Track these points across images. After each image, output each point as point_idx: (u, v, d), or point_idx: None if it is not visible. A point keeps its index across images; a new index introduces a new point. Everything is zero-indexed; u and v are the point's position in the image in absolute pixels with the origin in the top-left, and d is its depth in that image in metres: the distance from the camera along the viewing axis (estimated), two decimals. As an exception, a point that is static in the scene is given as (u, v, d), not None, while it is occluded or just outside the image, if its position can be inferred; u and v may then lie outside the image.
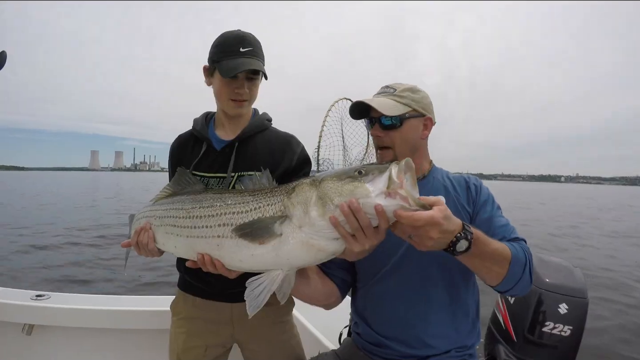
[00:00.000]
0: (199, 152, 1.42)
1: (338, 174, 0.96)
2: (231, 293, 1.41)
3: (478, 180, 1.40)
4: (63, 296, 2.27)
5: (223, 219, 1.05)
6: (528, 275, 1.17)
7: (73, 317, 2.10)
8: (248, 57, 1.31)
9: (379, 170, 0.91)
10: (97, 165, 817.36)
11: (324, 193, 0.93)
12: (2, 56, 1.61)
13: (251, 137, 1.43)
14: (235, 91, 1.34)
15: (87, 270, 7.48)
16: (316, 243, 0.95)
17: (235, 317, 1.46)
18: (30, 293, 2.23)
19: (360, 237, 0.92)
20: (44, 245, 9.70)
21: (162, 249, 1.29)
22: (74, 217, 15.36)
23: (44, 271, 7.39)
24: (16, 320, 2.10)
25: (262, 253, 1.00)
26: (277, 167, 1.38)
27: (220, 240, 1.06)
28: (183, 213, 1.17)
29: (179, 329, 1.51)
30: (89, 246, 9.71)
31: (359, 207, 0.88)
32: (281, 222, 0.98)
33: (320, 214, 0.92)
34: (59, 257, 8.48)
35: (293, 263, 1.01)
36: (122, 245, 1.40)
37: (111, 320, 2.11)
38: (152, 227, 1.28)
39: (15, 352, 2.16)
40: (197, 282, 1.45)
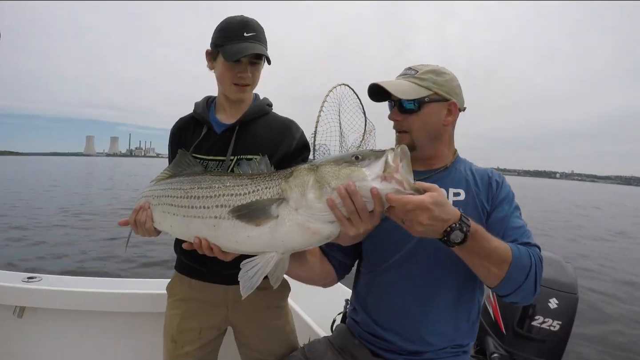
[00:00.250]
0: (199, 135, 1.44)
1: (335, 159, 0.98)
2: (227, 275, 1.41)
3: (501, 176, 1.31)
4: (54, 278, 2.25)
5: (221, 200, 1.07)
6: (532, 284, 1.09)
7: (65, 300, 2.08)
8: (252, 41, 1.32)
9: (375, 155, 0.93)
10: (92, 150, 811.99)
11: (321, 176, 0.95)
12: None
13: (252, 121, 1.44)
14: (238, 75, 1.35)
15: (79, 252, 7.50)
16: (312, 226, 0.97)
17: (230, 300, 1.47)
18: (22, 275, 2.20)
19: (356, 221, 0.93)
20: (34, 227, 9.71)
21: (158, 228, 1.31)
22: (64, 201, 15.36)
23: (36, 252, 7.41)
24: (7, 303, 2.08)
25: (258, 234, 1.01)
26: (276, 152, 1.40)
27: (217, 221, 1.07)
28: (181, 193, 1.18)
29: (174, 311, 1.51)
30: (81, 229, 9.71)
31: (356, 190, 0.90)
32: (278, 204, 0.99)
33: (317, 196, 0.94)
34: (50, 239, 8.49)
35: (288, 245, 1.02)
36: (119, 224, 1.41)
37: (104, 302, 2.10)
38: (150, 206, 1.31)
39: (7, 335, 2.15)
40: (193, 263, 1.46)
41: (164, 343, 1.53)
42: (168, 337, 1.50)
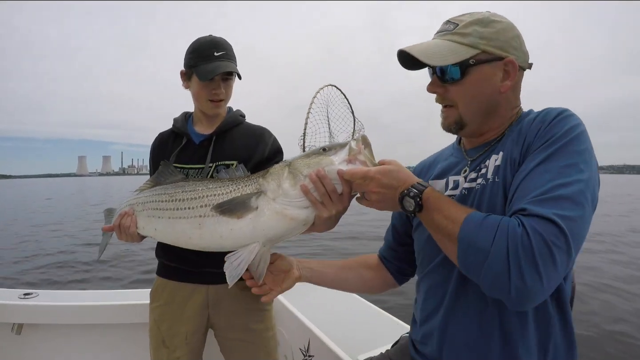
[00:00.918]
0: (178, 146, 1.53)
1: (306, 153, 1.09)
2: (207, 273, 1.46)
3: (562, 112, 0.89)
4: (51, 293, 2.24)
5: (205, 200, 1.15)
6: (501, 271, 0.74)
7: (62, 314, 2.08)
8: (222, 60, 1.42)
9: (340, 145, 1.04)
10: (85, 170, 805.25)
11: (294, 168, 1.06)
12: None
13: (227, 130, 1.54)
14: (213, 92, 1.45)
15: (75, 269, 7.47)
16: (288, 212, 1.05)
17: (211, 300, 1.51)
18: (18, 292, 2.20)
19: (327, 203, 1.00)
20: (31, 246, 9.67)
21: (142, 233, 1.37)
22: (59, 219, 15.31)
23: (32, 271, 7.38)
24: (5, 320, 2.07)
25: (240, 227, 1.09)
26: (251, 158, 1.48)
27: (202, 219, 1.15)
28: (166, 197, 1.26)
29: (160, 317, 1.53)
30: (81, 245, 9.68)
31: (325, 174, 0.98)
32: (257, 197, 1.08)
33: (292, 184, 1.04)
34: (46, 258, 8.44)
35: (268, 233, 1.08)
36: (103, 229, 1.48)
37: (101, 315, 2.09)
38: (134, 212, 1.37)
39: (6, 352, 2.14)
40: (174, 262, 1.50)
41: (152, 350, 1.53)
42: (157, 342, 1.51)
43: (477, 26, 0.94)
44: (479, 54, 0.94)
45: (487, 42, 0.94)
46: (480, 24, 0.94)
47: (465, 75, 0.95)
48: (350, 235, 9.58)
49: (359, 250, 8.02)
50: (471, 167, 1.02)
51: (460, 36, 0.95)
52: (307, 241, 8.62)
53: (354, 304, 2.17)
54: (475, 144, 1.06)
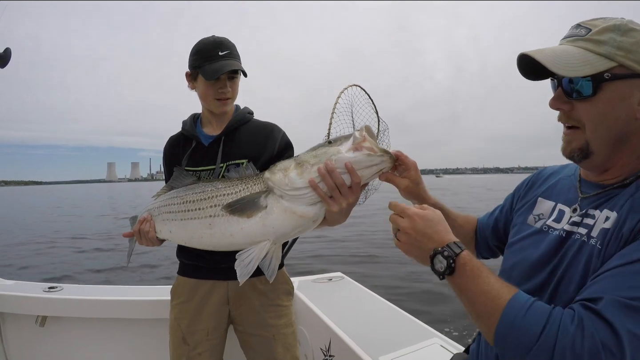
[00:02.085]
0: (188, 149, 1.54)
1: (312, 147, 1.10)
2: (226, 269, 1.42)
3: None
4: (75, 287, 2.28)
5: (214, 200, 1.18)
6: None
7: (85, 308, 2.10)
8: (227, 59, 1.43)
9: (345, 137, 1.06)
10: (114, 176, 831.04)
11: (300, 159, 1.08)
12: (7, 53, 1.65)
13: (236, 129, 1.54)
14: (219, 91, 1.46)
15: (100, 261, 7.71)
16: (297, 209, 1.06)
17: (232, 295, 1.52)
18: (43, 285, 2.24)
19: (337, 197, 1.01)
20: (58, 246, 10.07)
21: (160, 236, 1.41)
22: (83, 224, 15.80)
23: (58, 265, 7.63)
24: (29, 312, 2.11)
25: (250, 225, 1.11)
26: (261, 155, 1.48)
27: (212, 219, 1.18)
28: (178, 200, 1.30)
29: (180, 314, 1.53)
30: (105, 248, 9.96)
31: (334, 167, 0.99)
32: (266, 195, 1.10)
33: (299, 173, 1.05)
34: (72, 255, 8.74)
35: (278, 231, 1.10)
36: (124, 235, 1.54)
37: (124, 310, 2.11)
38: (152, 217, 1.42)
39: (29, 344, 2.17)
40: (192, 259, 1.52)
41: (171, 346, 1.53)
42: (177, 339, 1.51)
43: (614, 33, 0.79)
44: (615, 67, 0.78)
45: (625, 54, 0.78)
46: (617, 31, 0.79)
47: (598, 92, 0.79)
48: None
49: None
50: (582, 206, 0.89)
51: (594, 44, 0.79)
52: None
53: (376, 305, 2.13)
54: (593, 178, 0.92)
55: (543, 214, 0.98)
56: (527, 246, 0.97)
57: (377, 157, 1.00)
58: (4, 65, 1.65)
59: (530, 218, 1.01)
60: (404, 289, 5.77)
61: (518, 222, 1.06)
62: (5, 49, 1.64)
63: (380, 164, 1.01)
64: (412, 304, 4.76)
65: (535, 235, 0.96)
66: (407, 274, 6.52)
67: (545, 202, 1.01)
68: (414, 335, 1.72)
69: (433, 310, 4.85)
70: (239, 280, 1.06)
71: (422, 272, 6.72)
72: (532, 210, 1.02)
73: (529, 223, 1.01)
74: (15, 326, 2.17)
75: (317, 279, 2.48)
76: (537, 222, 0.98)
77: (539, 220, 0.98)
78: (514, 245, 1.03)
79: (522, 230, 1.02)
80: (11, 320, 2.18)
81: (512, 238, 1.06)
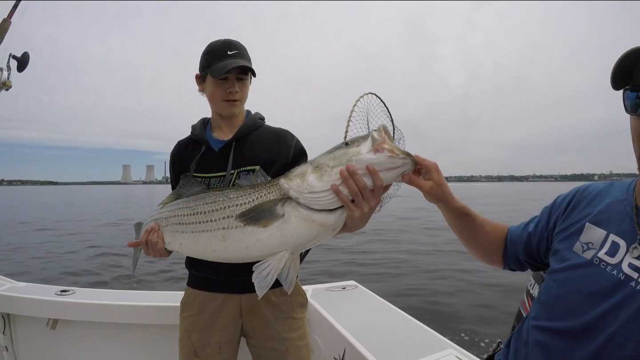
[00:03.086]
0: (197, 154, 1.49)
1: (328, 150, 1.05)
2: (239, 281, 1.41)
3: None
4: (87, 291, 2.28)
5: (227, 211, 1.12)
6: None
7: (97, 312, 2.09)
8: (235, 58, 1.39)
9: (362, 138, 1.00)
10: (129, 178, 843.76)
11: (318, 162, 1.02)
12: (25, 57, 1.66)
13: (247, 135, 1.49)
14: (227, 91, 1.41)
15: (111, 269, 7.76)
16: (316, 218, 1.01)
17: (244, 309, 1.47)
18: (55, 288, 2.24)
19: (359, 201, 0.97)
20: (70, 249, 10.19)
21: (169, 248, 1.34)
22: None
23: (70, 269, 7.71)
24: (41, 315, 2.11)
25: (267, 236, 1.05)
26: (274, 161, 1.43)
27: (226, 231, 1.11)
28: (187, 211, 1.23)
29: (192, 327, 1.50)
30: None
31: (355, 169, 0.94)
32: (282, 203, 1.04)
33: (318, 177, 0.99)
34: (85, 260, 8.82)
35: (297, 241, 1.05)
36: (129, 245, 1.46)
37: (135, 315, 2.09)
38: (159, 228, 1.35)
39: (40, 347, 2.17)
40: (204, 272, 1.47)
41: (182, 359, 1.50)
42: (188, 352, 1.48)
43: None
44: None
45: None
46: None
47: None
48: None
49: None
50: None
51: None
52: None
53: (390, 314, 2.10)
54: None
55: (592, 244, 0.90)
56: (575, 279, 0.90)
57: (399, 160, 0.95)
58: (22, 69, 1.66)
59: (577, 245, 0.93)
60: (416, 299, 5.69)
61: (561, 247, 0.98)
62: (24, 53, 1.65)
63: (402, 167, 0.97)
64: (425, 313, 4.71)
65: (586, 267, 0.88)
66: (418, 286, 6.44)
67: (595, 230, 0.92)
68: (429, 346, 1.70)
69: (446, 321, 4.79)
70: (257, 293, 1.01)
71: (431, 284, 6.62)
72: (579, 236, 0.94)
73: (575, 251, 0.93)
74: (26, 328, 2.18)
75: (330, 287, 2.45)
76: (586, 252, 0.90)
77: (587, 250, 0.90)
78: (559, 273, 0.95)
79: (568, 258, 0.94)
80: (22, 323, 2.19)
81: (556, 265, 0.97)
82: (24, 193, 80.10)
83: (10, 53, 1.61)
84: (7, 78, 1.60)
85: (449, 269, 7.68)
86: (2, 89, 1.58)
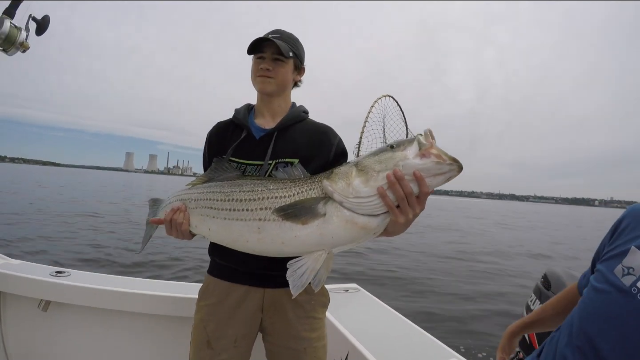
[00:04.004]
0: (237, 139, 1.45)
1: (372, 152, 1.03)
2: (265, 275, 1.38)
3: None
4: (83, 274, 2.22)
5: (265, 202, 1.09)
6: None
7: (91, 297, 2.03)
8: (273, 37, 1.38)
9: (408, 141, 0.98)
10: (131, 166, 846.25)
11: (364, 166, 0.99)
12: (45, 19, 1.60)
13: (289, 126, 1.47)
14: (260, 67, 1.40)
15: (112, 251, 7.71)
16: (359, 220, 0.99)
17: (267, 304, 1.42)
18: (50, 269, 2.18)
19: (404, 207, 0.95)
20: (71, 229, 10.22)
21: (194, 231, 1.30)
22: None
23: (72, 248, 7.69)
24: (33, 295, 2.05)
25: (306, 234, 1.02)
26: (314, 157, 1.40)
27: (262, 223, 1.08)
28: (221, 196, 1.19)
29: (209, 316, 1.44)
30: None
31: (402, 175, 0.93)
32: (325, 202, 1.02)
33: (364, 181, 0.97)
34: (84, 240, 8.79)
35: (337, 242, 1.03)
36: (151, 222, 1.39)
37: (130, 302, 2.03)
38: (187, 209, 1.30)
39: (29, 328, 2.11)
40: (229, 262, 1.41)
41: (193, 349, 1.44)
42: (201, 342, 1.42)
43: None
44: None
45: None
46: None
47: None
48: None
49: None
50: None
51: None
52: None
53: (393, 320, 2.10)
54: None
55: (634, 269, 0.85)
56: (610, 303, 0.86)
57: (446, 165, 0.93)
58: (41, 32, 1.58)
59: (618, 268, 0.88)
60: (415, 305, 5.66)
61: (602, 268, 0.93)
62: (44, 16, 1.57)
63: (448, 172, 0.94)
64: (426, 319, 4.71)
65: (620, 294, 0.84)
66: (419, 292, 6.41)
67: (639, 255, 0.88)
68: (432, 353, 1.70)
69: (448, 329, 4.80)
70: (292, 292, 1.00)
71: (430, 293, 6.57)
72: (623, 259, 0.89)
73: (615, 273, 0.88)
74: (17, 308, 2.11)
75: (333, 289, 2.40)
76: (625, 277, 0.85)
77: (627, 275, 0.86)
78: (597, 293, 0.91)
79: (607, 279, 0.89)
80: (13, 301, 2.12)
81: (595, 283, 0.93)
82: (23, 172, 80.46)
83: (30, 14, 1.54)
84: (25, 39, 1.53)
85: (450, 277, 7.69)
86: (19, 50, 1.53)
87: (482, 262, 10.03)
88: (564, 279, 1.91)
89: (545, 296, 1.92)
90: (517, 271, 9.21)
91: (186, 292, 2.04)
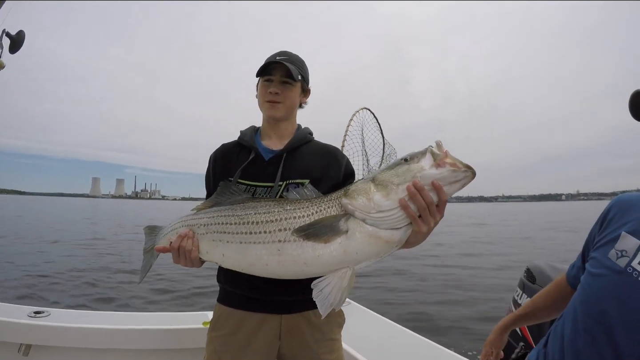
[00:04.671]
0: (244, 160, 1.43)
1: (387, 166, 1.04)
2: (280, 301, 1.36)
3: None
4: (63, 313, 2.11)
5: (284, 223, 1.07)
6: None
7: (73, 337, 1.93)
8: (281, 59, 1.40)
9: (420, 153, 1.00)
10: (98, 192, 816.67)
11: (381, 180, 1.00)
12: (20, 35, 1.50)
13: (297, 147, 1.47)
14: (268, 91, 1.40)
15: (94, 289, 7.37)
16: (383, 234, 0.99)
17: (284, 330, 1.38)
18: (28, 309, 2.06)
19: (426, 216, 0.96)
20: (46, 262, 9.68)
21: (204, 258, 1.25)
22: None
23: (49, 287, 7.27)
24: (12, 340, 1.93)
25: (329, 252, 1.01)
26: (324, 177, 1.41)
27: (282, 244, 1.06)
28: (235, 219, 1.16)
29: (222, 347, 1.38)
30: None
31: (422, 185, 0.94)
32: (346, 219, 1.01)
33: (384, 195, 0.98)
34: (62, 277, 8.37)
35: (361, 258, 1.02)
36: (156, 250, 1.34)
37: (115, 339, 1.95)
38: (195, 235, 1.25)
39: None
40: (241, 289, 1.38)
41: None
42: None
43: None
44: None
45: None
46: None
47: None
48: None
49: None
50: None
51: None
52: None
53: (390, 329, 2.09)
54: None
55: (627, 251, 0.93)
56: (608, 285, 0.94)
57: (461, 173, 0.96)
58: (15, 49, 1.47)
59: (612, 252, 0.96)
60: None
61: (596, 255, 1.01)
62: (19, 32, 1.46)
63: (463, 180, 0.97)
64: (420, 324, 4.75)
65: (618, 275, 0.92)
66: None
67: (630, 239, 0.95)
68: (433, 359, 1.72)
69: (440, 331, 4.88)
70: (321, 313, 0.99)
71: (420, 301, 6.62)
72: (615, 244, 0.97)
73: (610, 257, 0.96)
74: None
75: None
76: (619, 259, 0.93)
77: (621, 257, 0.93)
78: (594, 277, 1.00)
79: (603, 263, 0.97)
80: None
81: (592, 268, 1.01)
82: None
83: (4, 29, 1.44)
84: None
85: (442, 279, 7.76)
86: None
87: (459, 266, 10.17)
88: (548, 271, 1.98)
89: (531, 289, 1.97)
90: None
91: (178, 323, 1.98)
